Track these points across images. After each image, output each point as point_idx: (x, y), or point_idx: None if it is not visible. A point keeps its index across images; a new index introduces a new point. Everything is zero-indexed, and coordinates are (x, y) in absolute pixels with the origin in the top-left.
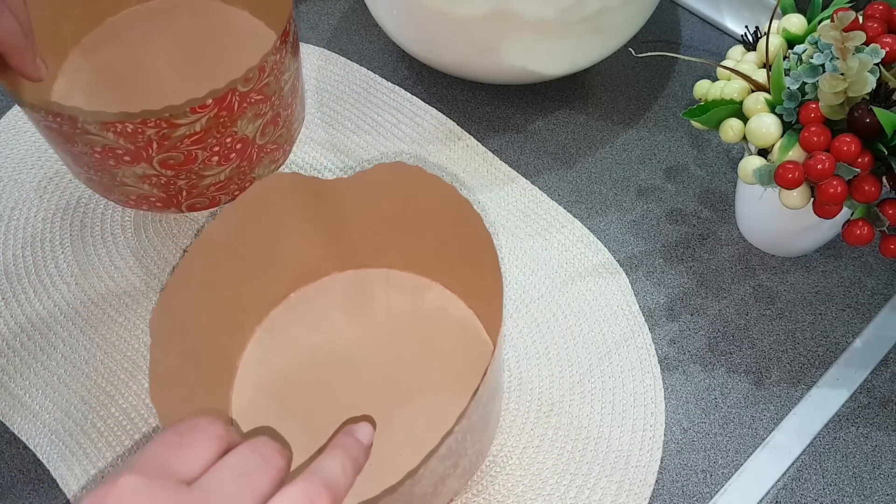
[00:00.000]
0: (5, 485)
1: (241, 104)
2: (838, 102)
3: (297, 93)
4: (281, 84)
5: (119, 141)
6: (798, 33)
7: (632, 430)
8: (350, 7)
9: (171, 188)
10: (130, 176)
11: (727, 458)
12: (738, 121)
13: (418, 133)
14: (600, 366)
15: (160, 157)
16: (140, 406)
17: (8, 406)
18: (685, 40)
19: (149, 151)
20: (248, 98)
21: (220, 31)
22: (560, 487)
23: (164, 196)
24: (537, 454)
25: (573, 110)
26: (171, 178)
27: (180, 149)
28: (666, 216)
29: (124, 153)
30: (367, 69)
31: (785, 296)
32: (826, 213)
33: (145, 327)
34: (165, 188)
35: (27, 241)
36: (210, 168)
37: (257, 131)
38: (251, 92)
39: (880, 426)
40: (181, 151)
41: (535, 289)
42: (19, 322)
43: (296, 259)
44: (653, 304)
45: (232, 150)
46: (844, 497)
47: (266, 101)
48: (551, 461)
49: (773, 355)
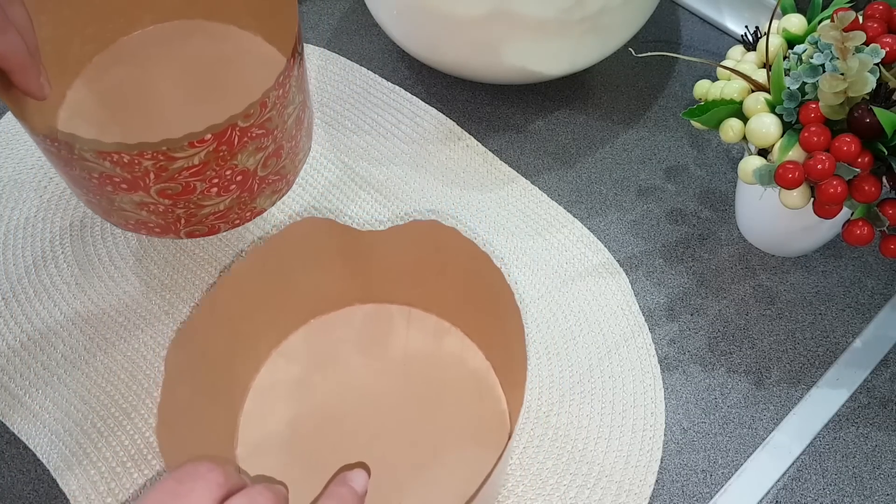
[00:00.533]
0: (5, 485)
1: (242, 139)
2: (838, 102)
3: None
4: (284, 118)
5: (116, 170)
6: (798, 33)
7: (632, 430)
8: (350, 7)
9: (169, 216)
10: (128, 203)
11: (727, 458)
12: (738, 121)
13: (418, 133)
14: (600, 366)
15: (158, 187)
16: (140, 406)
17: (8, 406)
18: (685, 40)
19: (146, 181)
20: (249, 133)
21: (233, 55)
22: (560, 487)
23: (163, 223)
24: (537, 454)
25: (573, 110)
26: (168, 207)
27: (178, 180)
28: (666, 216)
29: (121, 181)
30: (367, 69)
31: (785, 296)
32: (826, 213)
33: (146, 327)
34: (164, 216)
35: (27, 242)
36: (209, 198)
37: (259, 164)
38: (252, 126)
39: (880, 426)
40: (179, 182)
41: (535, 289)
42: (19, 322)
43: (318, 289)
44: (653, 304)
45: (232, 181)
46: (844, 497)
47: (268, 135)
48: (551, 461)
49: (773, 355)
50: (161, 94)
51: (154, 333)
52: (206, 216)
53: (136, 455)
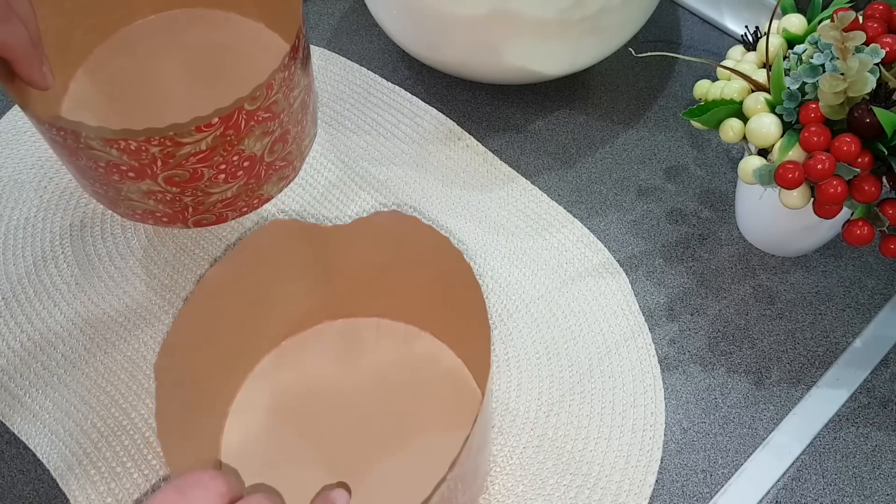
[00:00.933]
0: (5, 485)
1: (249, 122)
2: (838, 102)
3: (307, 108)
4: (290, 101)
5: (123, 157)
6: (798, 33)
7: (632, 430)
8: (350, 7)
9: (176, 204)
10: (135, 191)
11: (727, 458)
12: (738, 121)
13: (418, 133)
14: (600, 366)
15: (165, 175)
16: (140, 406)
17: (8, 406)
18: (685, 40)
19: (153, 168)
20: (256, 116)
21: (235, 43)
22: (560, 487)
23: (170, 212)
24: (537, 454)
25: (573, 110)
26: (176, 195)
27: (185, 167)
28: (666, 216)
29: (128, 169)
30: (367, 69)
31: (785, 296)
32: (826, 213)
33: (146, 327)
34: (171, 204)
35: (27, 242)
36: (216, 185)
37: (265, 149)
38: (258, 110)
39: (880, 426)
40: (186, 169)
41: (535, 289)
42: (19, 322)
43: (289, 307)
44: (653, 304)
45: (239, 167)
46: (844, 497)
47: (274, 119)
48: (551, 461)
49: (773, 355)
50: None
51: (154, 333)
52: (214, 204)
53: (136, 455)
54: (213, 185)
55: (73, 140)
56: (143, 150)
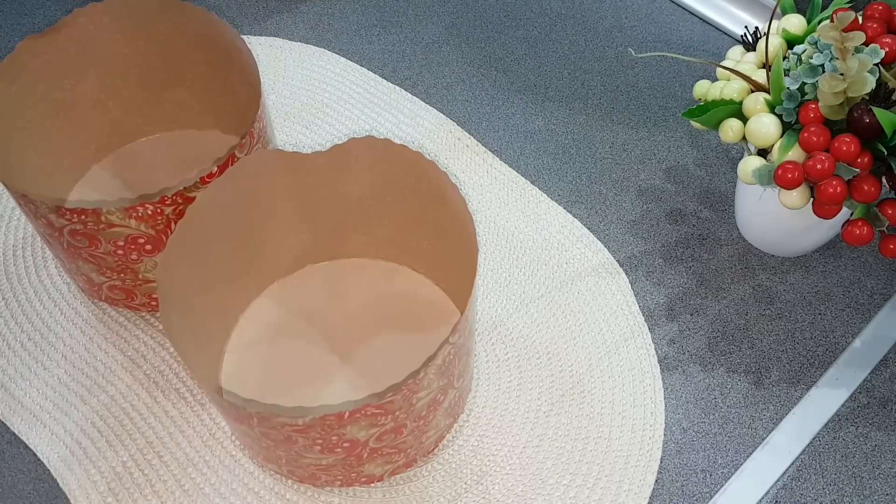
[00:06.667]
0: (5, 485)
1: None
2: (838, 102)
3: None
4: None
5: (140, 227)
6: (798, 33)
7: (631, 430)
8: (350, 7)
9: None
10: (152, 267)
11: (727, 458)
12: (738, 121)
13: (418, 133)
14: (600, 366)
15: None
16: (140, 406)
17: (8, 407)
18: (685, 40)
19: (168, 234)
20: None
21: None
22: (560, 487)
23: None
24: (537, 454)
25: (573, 110)
26: None
27: None
28: (666, 216)
29: (146, 241)
30: (367, 69)
31: (785, 296)
32: (826, 213)
33: (146, 326)
34: None
35: (27, 242)
36: None
37: None
38: None
39: (880, 426)
40: None
41: (535, 289)
42: (19, 322)
43: (275, 250)
44: (653, 304)
45: None
46: (844, 497)
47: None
48: (551, 461)
49: (773, 355)
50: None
51: (154, 333)
52: None
53: (136, 455)
54: None
55: (94, 222)
56: (158, 213)
